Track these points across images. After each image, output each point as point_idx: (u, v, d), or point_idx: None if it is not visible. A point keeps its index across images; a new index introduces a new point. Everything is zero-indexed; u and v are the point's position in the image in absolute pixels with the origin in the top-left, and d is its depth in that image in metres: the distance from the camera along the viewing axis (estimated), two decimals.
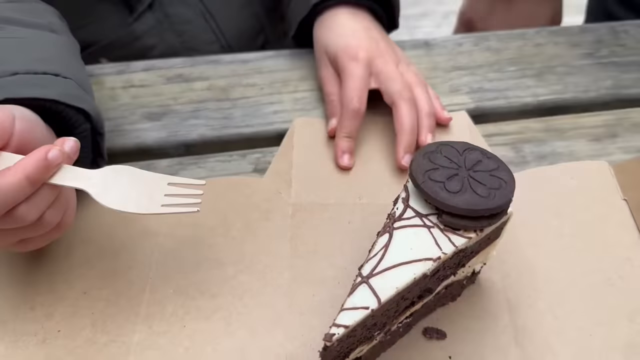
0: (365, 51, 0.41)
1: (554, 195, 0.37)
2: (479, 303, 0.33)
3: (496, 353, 0.30)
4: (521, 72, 0.47)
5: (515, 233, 0.35)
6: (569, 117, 0.44)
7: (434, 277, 0.28)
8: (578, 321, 0.31)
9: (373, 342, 0.28)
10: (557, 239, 0.35)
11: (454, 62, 0.48)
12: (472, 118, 0.43)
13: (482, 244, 0.30)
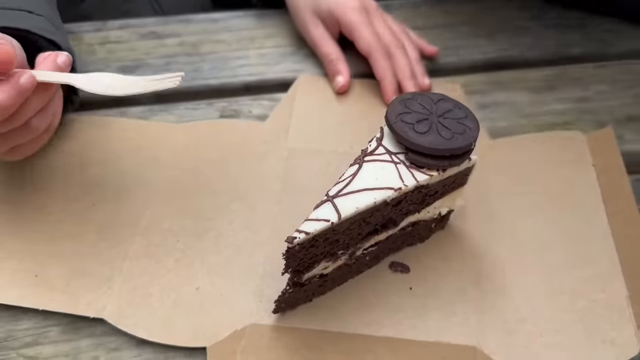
0: (359, 2, 0.45)
1: (530, 158, 0.40)
2: (446, 247, 0.36)
3: (455, 291, 0.34)
4: (473, 33, 0.51)
5: (488, 188, 0.38)
6: (513, 72, 0.47)
7: (396, 208, 0.31)
8: (533, 269, 0.35)
9: (338, 262, 0.32)
10: (526, 196, 0.38)
11: (412, 23, 0.51)
12: (428, 72, 0.46)
13: (446, 186, 0.33)
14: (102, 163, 0.40)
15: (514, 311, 0.33)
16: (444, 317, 0.32)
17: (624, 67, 0.48)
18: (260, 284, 0.33)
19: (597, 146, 0.40)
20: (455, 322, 0.32)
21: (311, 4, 0.46)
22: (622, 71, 0.48)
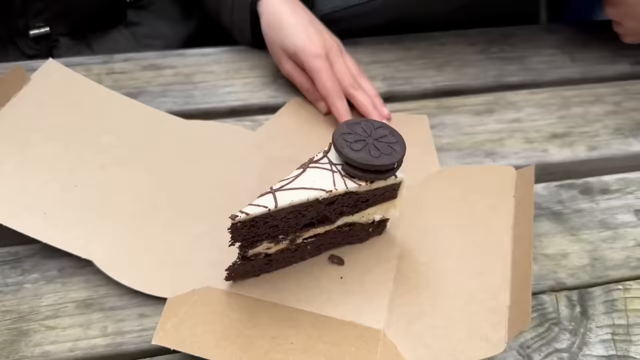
0: (322, 47, 0.52)
1: (466, 185, 0.47)
2: (379, 249, 0.43)
3: (376, 284, 0.41)
4: (426, 65, 0.59)
5: (427, 206, 0.46)
6: (458, 98, 0.56)
7: (330, 207, 0.38)
8: (443, 274, 0.41)
9: (280, 245, 0.39)
10: (456, 215, 0.45)
11: (374, 57, 0.60)
12: (384, 99, 0.55)
13: (376, 196, 0.40)
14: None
15: (418, 306, 0.40)
16: (362, 303, 0.40)
17: (554, 93, 0.57)
18: (220, 256, 0.40)
19: (520, 181, 0.47)
20: (370, 309, 0.39)
21: (280, 44, 0.54)
22: (552, 96, 0.56)
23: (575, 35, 0.64)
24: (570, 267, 0.43)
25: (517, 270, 0.40)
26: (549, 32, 0.64)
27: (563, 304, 0.40)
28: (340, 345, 0.37)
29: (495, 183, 0.47)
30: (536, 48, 0.62)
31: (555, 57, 0.61)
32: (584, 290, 0.41)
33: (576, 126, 0.53)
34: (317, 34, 0.53)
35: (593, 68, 0.60)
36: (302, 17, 0.54)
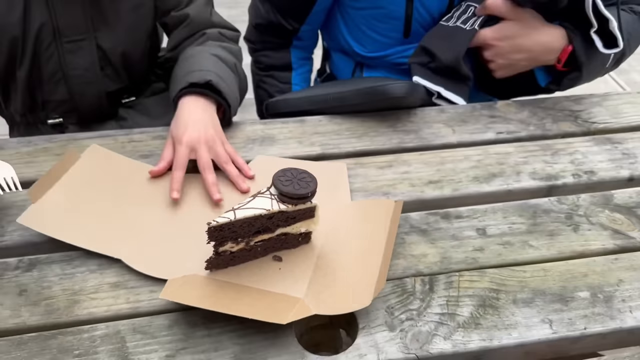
0: (189, 138, 0.74)
1: (363, 212, 0.71)
2: (305, 251, 0.66)
3: (302, 272, 0.64)
4: (350, 135, 0.85)
5: (336, 223, 0.69)
6: (369, 157, 0.81)
7: (270, 221, 0.62)
8: (345, 266, 0.64)
9: (240, 246, 0.63)
10: (356, 229, 0.69)
11: (314, 129, 0.86)
12: (319, 159, 0.80)
13: (299, 215, 0.64)
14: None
15: (325, 284, 0.62)
16: (291, 284, 0.62)
17: (435, 154, 0.82)
18: (201, 256, 0.63)
19: (395, 210, 0.70)
20: (296, 287, 0.62)
21: (172, 126, 0.79)
22: (434, 156, 0.81)
23: (459, 114, 0.90)
24: (427, 263, 0.66)
25: (384, 261, 0.64)
26: (440, 112, 0.90)
27: (418, 284, 0.63)
28: (272, 303, 0.60)
29: (381, 210, 0.71)
30: (429, 123, 0.88)
31: (441, 130, 0.87)
32: (433, 276, 0.64)
33: (447, 176, 0.78)
34: (196, 130, 0.75)
35: (467, 137, 0.86)
36: (200, 114, 0.78)
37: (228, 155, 0.77)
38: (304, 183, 0.63)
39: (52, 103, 0.91)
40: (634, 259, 0.67)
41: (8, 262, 0.65)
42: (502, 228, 0.71)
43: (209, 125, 0.77)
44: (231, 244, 0.62)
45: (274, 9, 1.00)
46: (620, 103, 0.94)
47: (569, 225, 0.71)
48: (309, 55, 1.11)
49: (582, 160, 0.82)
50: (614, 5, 0.86)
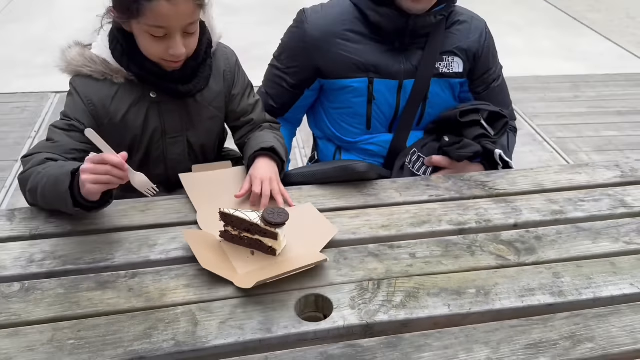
0: (261, 177, 1.20)
1: (320, 232, 1.15)
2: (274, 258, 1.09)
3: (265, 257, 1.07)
4: (331, 197, 1.28)
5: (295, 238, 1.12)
6: (344, 211, 1.23)
7: (251, 227, 1.06)
8: (299, 258, 1.06)
9: (234, 232, 1.08)
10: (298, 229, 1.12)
11: (309, 194, 1.28)
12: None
13: (267, 233, 1.06)
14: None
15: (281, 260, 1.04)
16: (255, 261, 1.04)
17: (388, 209, 1.24)
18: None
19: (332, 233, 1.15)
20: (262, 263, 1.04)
21: (251, 171, 1.26)
22: (386, 210, 1.24)
23: (405, 184, 1.34)
24: (377, 273, 1.07)
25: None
26: (392, 183, 1.34)
27: (370, 285, 1.04)
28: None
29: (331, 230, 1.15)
30: (385, 190, 1.31)
31: (392, 194, 1.30)
32: (380, 280, 1.05)
33: (393, 222, 1.20)
34: (266, 174, 1.23)
35: (409, 198, 1.29)
36: (271, 167, 1.26)
37: (281, 191, 1.23)
38: (278, 217, 1.06)
39: (154, 176, 1.32)
40: (506, 272, 1.08)
41: (119, 274, 1.06)
42: (425, 253, 1.12)
43: (272, 173, 1.24)
44: (230, 228, 1.07)
45: (270, 98, 1.51)
46: (516, 176, 1.38)
47: (469, 252, 1.13)
48: (293, 130, 1.63)
49: (483, 213, 1.24)
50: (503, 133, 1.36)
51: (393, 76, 1.41)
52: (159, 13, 1.10)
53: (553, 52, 4.25)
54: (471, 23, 1.47)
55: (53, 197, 1.10)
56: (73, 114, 1.23)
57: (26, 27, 4.28)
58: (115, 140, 1.18)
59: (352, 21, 1.41)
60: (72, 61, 1.23)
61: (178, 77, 1.24)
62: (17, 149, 2.86)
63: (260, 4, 4.92)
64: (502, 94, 1.57)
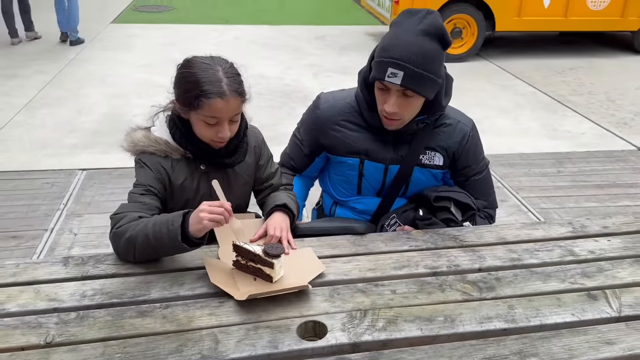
0: (274, 226, 1.51)
1: (312, 267, 1.41)
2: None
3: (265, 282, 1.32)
4: (328, 247, 1.54)
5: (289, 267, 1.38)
6: (338, 258, 1.49)
7: (255, 257, 1.34)
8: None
9: (243, 261, 1.36)
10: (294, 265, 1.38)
11: (309, 244, 1.55)
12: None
13: (265, 262, 1.34)
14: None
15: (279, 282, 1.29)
16: (259, 283, 1.29)
17: (375, 256, 1.50)
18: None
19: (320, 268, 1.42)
20: (263, 287, 1.29)
21: (267, 221, 1.56)
22: (373, 257, 1.50)
23: (389, 236, 1.60)
24: (363, 305, 1.31)
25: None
26: (379, 236, 1.61)
27: (359, 313, 1.28)
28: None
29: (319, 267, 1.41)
30: (373, 242, 1.57)
31: (378, 244, 1.56)
32: (366, 310, 1.29)
33: (379, 267, 1.46)
34: (279, 224, 1.52)
35: (393, 247, 1.55)
36: (285, 220, 1.55)
37: (288, 237, 1.53)
38: (275, 250, 1.33)
39: None
40: (470, 305, 1.33)
41: (155, 305, 1.30)
42: (404, 290, 1.37)
43: (284, 223, 1.56)
44: (240, 258, 1.34)
45: (291, 159, 1.85)
46: (483, 232, 1.64)
47: (439, 289, 1.38)
48: (310, 182, 1.95)
49: (453, 260, 1.50)
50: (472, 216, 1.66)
51: (380, 161, 1.69)
52: (214, 108, 1.43)
53: (538, 132, 4.60)
54: (456, 126, 1.69)
55: (160, 236, 1.35)
56: (146, 181, 1.53)
57: (56, 112, 4.69)
58: (173, 201, 1.56)
59: (352, 114, 1.70)
60: (139, 142, 1.56)
61: (224, 153, 1.57)
62: (47, 220, 3.15)
63: (268, 90, 5.37)
64: (483, 186, 1.78)
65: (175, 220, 1.36)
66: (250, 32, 7.74)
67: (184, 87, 1.46)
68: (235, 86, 1.46)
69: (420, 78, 1.47)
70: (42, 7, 7.37)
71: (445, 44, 1.50)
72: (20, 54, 6.31)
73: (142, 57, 6.34)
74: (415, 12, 1.50)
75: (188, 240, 1.35)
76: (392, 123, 1.59)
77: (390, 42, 1.49)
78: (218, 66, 1.45)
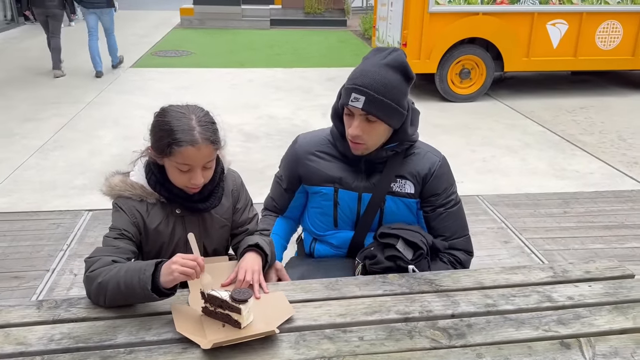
0: (246, 267, 1.51)
1: (281, 309, 1.40)
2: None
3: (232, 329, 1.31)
4: (300, 290, 1.53)
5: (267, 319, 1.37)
6: (310, 302, 1.48)
7: (222, 302, 1.33)
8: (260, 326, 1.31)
9: (211, 308, 1.35)
10: (264, 309, 1.37)
11: (289, 288, 1.54)
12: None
13: (233, 308, 1.33)
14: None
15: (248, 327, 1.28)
16: (226, 331, 1.28)
17: (347, 301, 1.49)
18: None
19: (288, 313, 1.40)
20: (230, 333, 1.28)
21: (239, 263, 1.56)
22: (345, 302, 1.48)
23: (365, 280, 1.59)
24: (329, 353, 1.29)
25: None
26: (354, 280, 1.59)
27: None
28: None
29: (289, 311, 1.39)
30: (347, 285, 1.56)
31: (352, 288, 1.54)
32: (330, 358, 1.27)
33: (350, 312, 1.44)
34: (250, 265, 1.52)
35: (367, 292, 1.53)
36: (252, 260, 1.56)
37: (259, 280, 1.52)
38: (242, 295, 1.32)
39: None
40: (437, 352, 1.30)
41: (119, 350, 1.30)
42: (372, 337, 1.35)
43: (256, 265, 1.56)
44: (208, 304, 1.34)
45: (273, 200, 1.90)
46: (460, 276, 1.62)
47: (408, 336, 1.35)
48: (294, 226, 1.99)
49: (427, 305, 1.48)
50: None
51: (353, 189, 1.76)
52: (186, 155, 1.47)
53: (546, 172, 4.56)
54: (424, 155, 1.76)
55: (130, 284, 1.36)
56: (121, 225, 1.57)
57: (69, 154, 4.82)
58: (149, 245, 1.58)
59: (327, 145, 1.81)
60: (115, 187, 1.60)
61: (197, 199, 1.60)
62: (49, 260, 3.19)
63: (276, 131, 5.45)
64: (451, 221, 1.78)
65: (147, 270, 1.37)
66: (264, 74, 7.92)
67: (158, 134, 1.50)
68: (208, 134, 1.49)
69: (380, 103, 1.59)
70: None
71: (407, 77, 1.63)
72: (51, 90, 6.53)
73: (156, 99, 6.49)
74: (383, 50, 1.66)
75: (158, 290, 1.36)
76: (357, 147, 1.67)
77: (356, 72, 1.65)
78: (192, 114, 1.49)
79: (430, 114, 6.00)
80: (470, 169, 4.59)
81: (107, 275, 1.41)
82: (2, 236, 3.44)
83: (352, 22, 12.99)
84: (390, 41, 6.85)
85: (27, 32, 11.18)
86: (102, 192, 1.62)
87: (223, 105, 6.28)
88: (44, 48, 7.91)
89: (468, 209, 3.76)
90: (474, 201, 3.97)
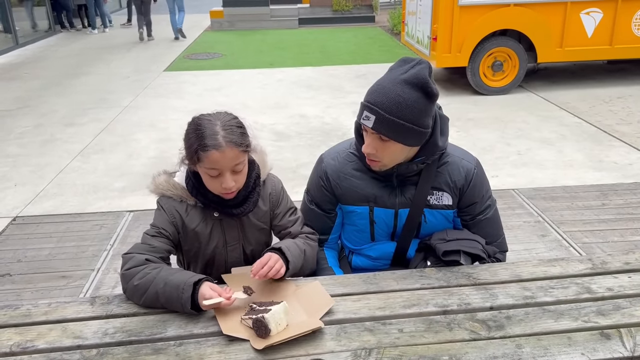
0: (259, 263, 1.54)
1: (319, 302, 1.44)
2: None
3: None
4: (339, 285, 1.57)
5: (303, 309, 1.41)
6: (351, 296, 1.52)
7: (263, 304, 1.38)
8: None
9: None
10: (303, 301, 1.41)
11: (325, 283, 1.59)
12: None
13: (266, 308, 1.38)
14: None
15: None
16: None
17: (385, 294, 1.52)
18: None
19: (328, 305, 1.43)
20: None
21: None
22: (383, 296, 1.51)
23: (402, 274, 1.62)
24: (370, 343, 1.33)
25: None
26: (392, 274, 1.63)
27: (363, 352, 1.30)
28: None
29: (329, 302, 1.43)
30: (385, 280, 1.59)
31: (390, 282, 1.58)
32: (372, 349, 1.31)
33: (389, 305, 1.48)
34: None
35: (404, 286, 1.56)
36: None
37: (266, 274, 1.51)
38: (259, 332, 1.35)
39: (212, 273, 1.70)
40: (476, 344, 1.32)
41: (169, 343, 1.37)
42: (411, 329, 1.38)
43: (267, 259, 1.54)
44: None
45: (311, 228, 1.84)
46: (498, 269, 1.63)
47: (447, 328, 1.38)
48: (337, 246, 1.94)
49: (465, 298, 1.50)
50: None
51: (389, 206, 1.71)
52: (212, 159, 1.51)
53: (583, 164, 4.48)
54: (459, 164, 1.69)
55: (170, 300, 1.45)
56: (160, 224, 1.64)
57: (108, 157, 4.97)
58: (187, 244, 1.65)
59: (356, 161, 1.73)
60: (160, 185, 1.68)
61: (232, 204, 1.65)
62: (94, 260, 3.32)
63: (308, 130, 5.50)
64: (490, 226, 1.76)
65: (185, 290, 1.45)
66: (293, 74, 7.98)
67: (188, 143, 1.57)
68: (232, 137, 1.53)
69: (392, 124, 1.50)
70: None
71: (428, 95, 1.50)
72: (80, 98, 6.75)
73: (191, 102, 6.65)
74: (408, 61, 1.54)
75: (197, 306, 1.45)
76: (373, 164, 1.63)
77: (373, 86, 1.55)
78: (217, 120, 1.55)
79: (463, 107, 5.96)
80: (505, 162, 4.55)
81: (143, 279, 1.50)
82: (48, 237, 3.58)
83: (380, 17, 12.93)
84: (420, 36, 6.83)
85: (63, 39, 11.51)
86: (149, 189, 1.69)
87: (254, 105, 6.37)
88: (80, 54, 9.34)
89: (504, 203, 3.80)
90: (509, 195, 3.94)
